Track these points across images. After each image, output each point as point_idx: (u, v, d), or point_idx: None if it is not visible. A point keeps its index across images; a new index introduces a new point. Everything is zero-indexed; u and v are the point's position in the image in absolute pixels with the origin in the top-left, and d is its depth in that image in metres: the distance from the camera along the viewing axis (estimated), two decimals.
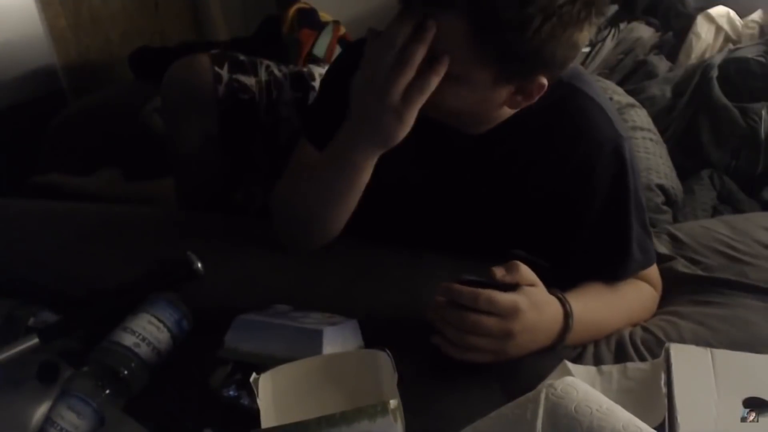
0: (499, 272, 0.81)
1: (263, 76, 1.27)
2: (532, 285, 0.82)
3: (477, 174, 0.98)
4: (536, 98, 0.86)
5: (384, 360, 0.76)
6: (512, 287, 0.81)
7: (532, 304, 0.81)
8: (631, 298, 0.97)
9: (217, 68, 1.21)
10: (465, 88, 0.83)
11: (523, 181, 0.97)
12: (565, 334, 0.85)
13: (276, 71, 1.29)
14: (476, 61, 0.79)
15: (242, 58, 1.27)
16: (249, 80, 1.24)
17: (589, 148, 0.93)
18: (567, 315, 0.85)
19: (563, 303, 0.86)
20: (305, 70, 1.33)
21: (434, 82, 0.80)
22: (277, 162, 1.24)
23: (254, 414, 0.73)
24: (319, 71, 1.32)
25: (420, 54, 0.79)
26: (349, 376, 0.78)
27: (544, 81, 0.84)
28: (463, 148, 0.95)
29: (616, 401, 0.68)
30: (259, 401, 0.73)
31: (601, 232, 0.95)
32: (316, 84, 1.30)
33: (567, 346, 0.88)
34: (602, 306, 0.93)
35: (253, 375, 0.75)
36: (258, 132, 1.26)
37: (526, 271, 0.82)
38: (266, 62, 1.30)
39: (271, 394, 0.75)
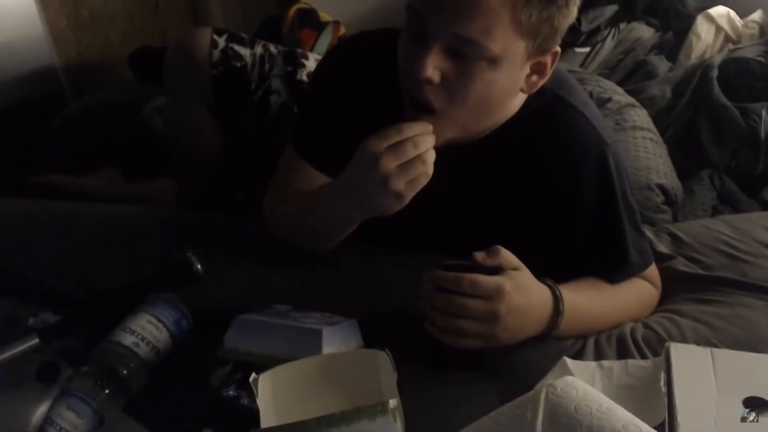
0: (480, 256, 0.82)
1: (259, 50, 1.30)
2: (516, 269, 0.83)
3: (468, 183, 0.99)
4: (549, 71, 0.89)
5: (384, 360, 0.76)
6: (496, 271, 0.81)
7: (517, 286, 0.81)
8: (627, 292, 0.97)
9: (215, 36, 1.26)
10: (501, 69, 0.84)
11: (512, 190, 0.97)
12: (557, 320, 0.85)
13: (272, 48, 1.32)
14: (515, 34, 0.81)
15: (243, 34, 1.31)
16: (244, 51, 1.28)
17: (574, 157, 0.93)
18: (557, 299, 0.85)
19: (553, 289, 0.86)
20: (299, 50, 1.36)
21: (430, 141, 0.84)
22: (268, 137, 1.26)
23: (254, 414, 0.74)
24: (314, 55, 1.35)
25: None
26: (349, 376, 0.78)
27: (558, 48, 0.87)
28: (452, 159, 0.95)
29: (616, 397, 0.68)
30: (258, 401, 0.73)
31: (594, 238, 0.95)
32: (307, 63, 1.32)
33: (563, 338, 0.88)
34: (596, 297, 0.93)
35: (253, 375, 0.75)
36: (249, 101, 1.28)
37: (508, 255, 0.83)
38: (264, 41, 1.33)
39: (271, 394, 0.75)
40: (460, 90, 0.85)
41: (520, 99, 0.94)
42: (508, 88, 0.89)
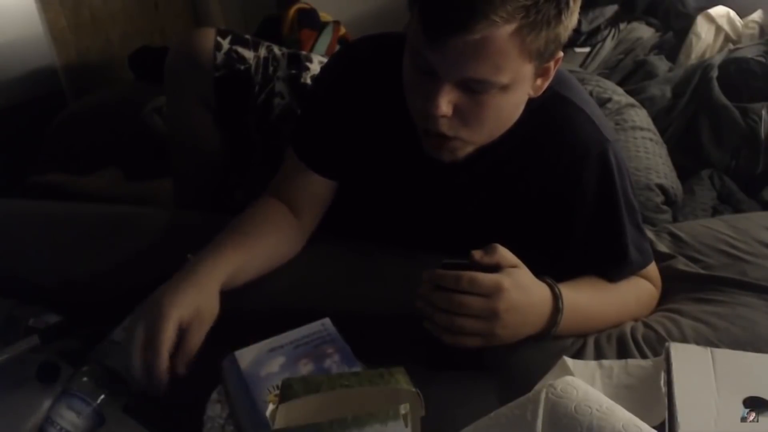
0: (477, 254, 0.82)
1: (263, 52, 1.29)
2: (514, 267, 0.83)
3: (469, 182, 0.99)
4: (553, 72, 0.90)
5: (414, 401, 0.73)
6: (494, 269, 0.81)
7: (516, 283, 0.81)
8: (627, 291, 0.97)
9: (219, 38, 1.25)
10: (513, 92, 0.85)
11: (514, 188, 0.97)
12: (556, 317, 0.85)
13: (276, 50, 1.32)
14: (524, 61, 0.82)
15: (247, 36, 1.30)
16: (248, 53, 1.27)
17: (575, 155, 0.93)
18: (556, 297, 0.85)
19: (552, 286, 0.86)
20: (303, 53, 1.35)
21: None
22: (270, 139, 1.26)
23: None
24: (318, 58, 1.34)
25: None
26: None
27: (562, 53, 0.88)
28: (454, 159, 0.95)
29: (616, 396, 0.68)
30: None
31: (594, 236, 0.95)
32: (311, 66, 1.31)
33: (562, 336, 0.88)
34: (596, 295, 0.93)
35: (270, 407, 0.74)
36: (252, 103, 1.28)
37: (505, 253, 0.82)
38: (268, 43, 1.32)
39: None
40: (474, 118, 0.86)
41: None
42: (519, 103, 0.91)
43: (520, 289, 0.81)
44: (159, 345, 0.82)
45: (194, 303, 0.86)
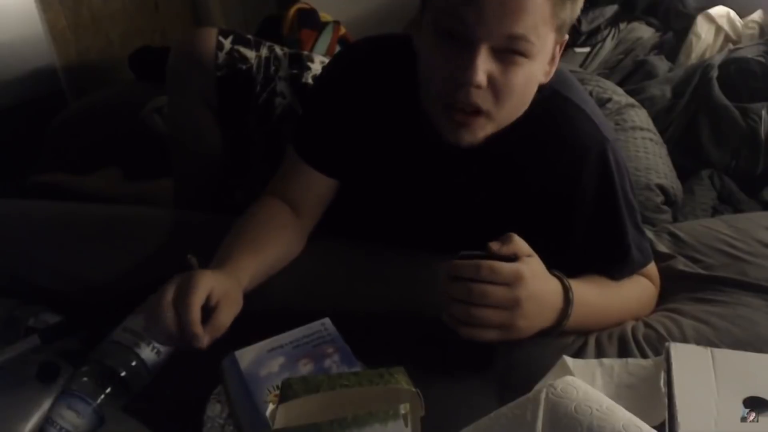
0: (495, 245, 0.82)
1: (264, 52, 1.30)
2: (529, 256, 0.83)
3: (470, 181, 0.99)
4: (558, 60, 0.91)
5: (414, 400, 0.73)
6: (512, 259, 0.81)
7: (534, 272, 0.81)
8: (629, 289, 0.97)
9: (221, 38, 1.25)
10: (537, 63, 0.86)
11: (515, 187, 0.97)
12: (567, 310, 0.85)
13: (278, 50, 1.32)
14: (550, 28, 0.84)
15: (249, 36, 1.30)
16: (249, 53, 1.27)
17: (575, 154, 0.94)
18: (566, 289, 0.85)
19: (561, 279, 0.86)
20: (305, 53, 1.35)
21: None
22: (271, 139, 1.26)
23: None
24: (320, 58, 1.34)
25: None
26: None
27: (566, 36, 0.90)
28: (455, 157, 0.95)
29: (616, 395, 0.68)
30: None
31: (595, 235, 0.96)
32: (313, 65, 1.32)
33: (567, 332, 0.88)
34: (600, 291, 0.93)
35: (270, 407, 0.74)
36: (253, 103, 1.28)
37: (521, 243, 0.82)
38: (270, 43, 1.33)
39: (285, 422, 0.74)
40: (506, 89, 0.85)
41: None
42: (537, 81, 0.90)
43: (538, 278, 0.81)
44: (191, 299, 0.80)
45: (225, 284, 0.85)
